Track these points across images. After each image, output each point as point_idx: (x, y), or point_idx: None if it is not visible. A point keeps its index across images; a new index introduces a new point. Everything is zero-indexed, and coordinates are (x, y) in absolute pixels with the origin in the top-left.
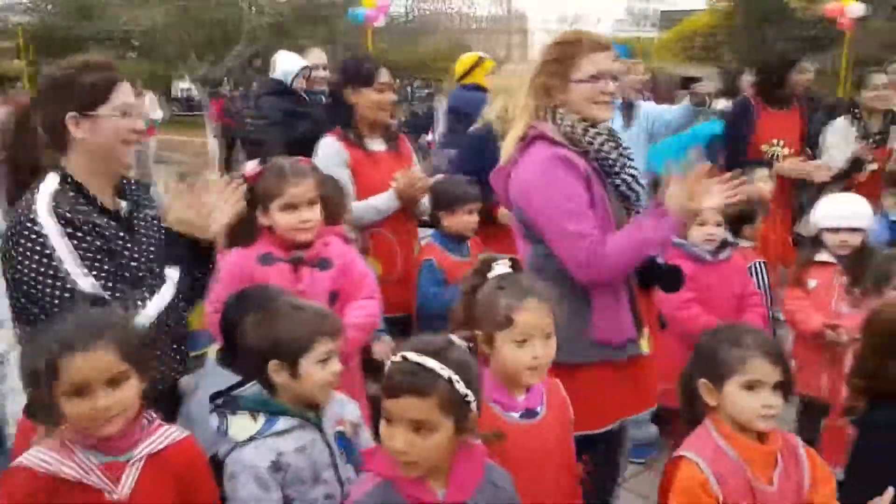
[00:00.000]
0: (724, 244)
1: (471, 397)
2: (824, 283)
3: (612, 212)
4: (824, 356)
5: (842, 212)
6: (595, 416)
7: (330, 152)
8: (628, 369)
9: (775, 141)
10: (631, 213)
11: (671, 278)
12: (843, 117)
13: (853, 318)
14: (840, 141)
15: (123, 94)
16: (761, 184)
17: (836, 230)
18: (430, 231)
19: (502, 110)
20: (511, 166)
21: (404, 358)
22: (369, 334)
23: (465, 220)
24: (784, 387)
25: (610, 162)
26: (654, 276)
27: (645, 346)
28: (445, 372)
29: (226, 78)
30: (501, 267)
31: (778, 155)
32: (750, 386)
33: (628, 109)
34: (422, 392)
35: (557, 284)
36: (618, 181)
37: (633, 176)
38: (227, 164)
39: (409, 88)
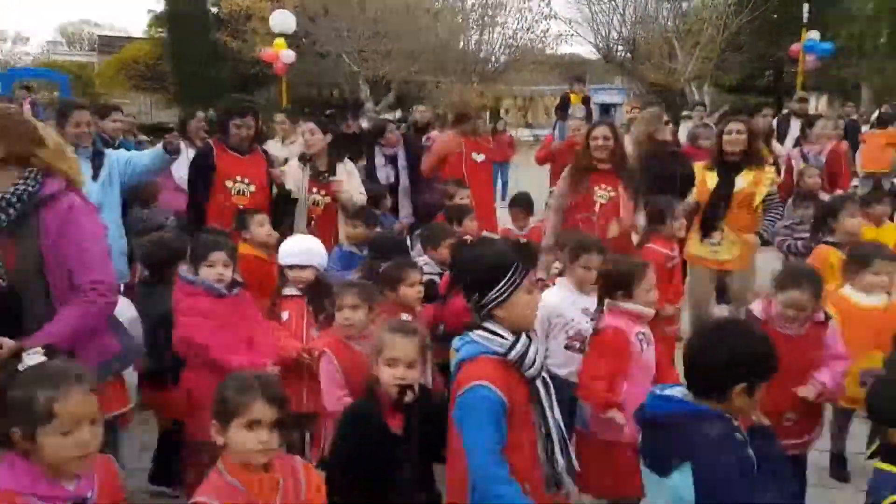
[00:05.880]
0: (234, 283)
1: None
2: (295, 313)
3: None
4: (305, 376)
5: (298, 251)
6: None
7: None
8: None
9: (239, 178)
10: None
11: None
12: (295, 160)
13: (321, 340)
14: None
15: None
16: None
17: (291, 267)
18: None
19: None
20: None
21: None
22: None
23: None
24: (280, 424)
25: None
26: None
27: None
28: None
29: None
30: (34, 357)
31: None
32: (250, 425)
33: (96, 159)
34: None
35: None
36: None
37: None
38: None
39: None
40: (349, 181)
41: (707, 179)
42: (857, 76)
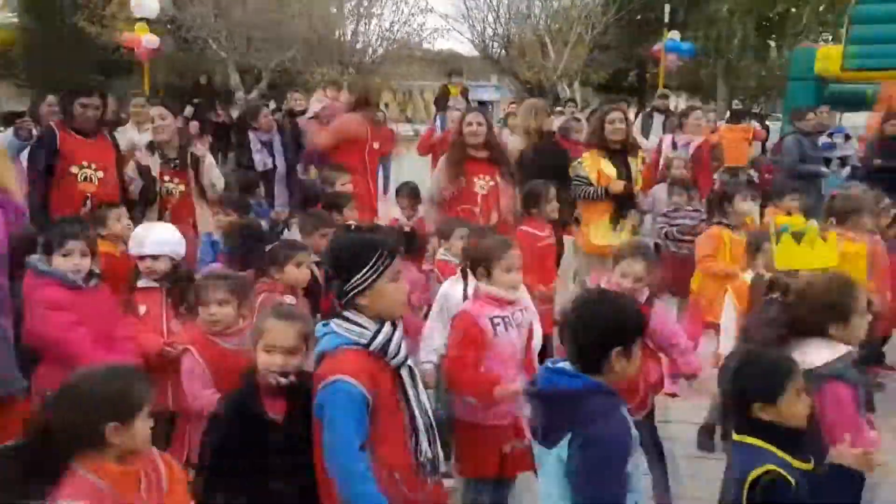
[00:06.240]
0: (91, 274)
1: None
2: (153, 306)
3: None
4: (169, 373)
5: (151, 240)
6: None
7: None
8: None
9: (85, 163)
10: None
11: None
12: (146, 149)
13: (184, 335)
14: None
15: None
16: None
17: (143, 257)
18: None
19: None
20: None
21: None
22: None
23: None
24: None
25: None
26: None
27: None
28: None
29: None
30: None
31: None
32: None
33: None
34: None
35: None
36: None
37: None
38: None
39: None
40: (202, 167)
41: (603, 168)
42: (714, 76)
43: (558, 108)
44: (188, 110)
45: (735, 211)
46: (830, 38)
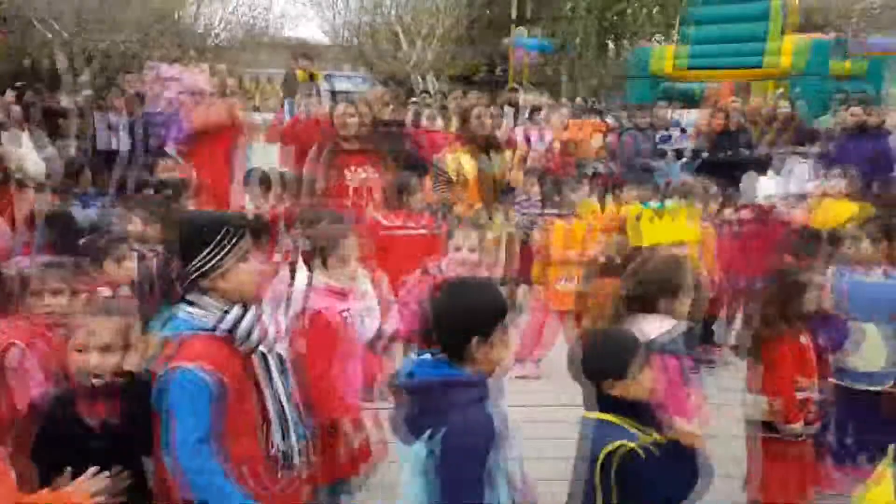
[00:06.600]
0: None
1: None
2: None
3: None
4: None
5: None
6: None
7: None
8: None
9: None
10: None
11: None
12: None
13: (6, 331)
14: None
15: None
16: None
17: None
18: None
19: None
20: None
21: None
22: None
23: None
24: None
25: None
26: None
27: None
28: None
29: None
30: None
31: None
32: None
33: None
34: None
35: None
36: None
37: None
38: None
39: None
40: (20, 151)
41: (463, 163)
42: (567, 73)
43: (413, 100)
44: (9, 94)
45: (566, 201)
46: (663, 38)
